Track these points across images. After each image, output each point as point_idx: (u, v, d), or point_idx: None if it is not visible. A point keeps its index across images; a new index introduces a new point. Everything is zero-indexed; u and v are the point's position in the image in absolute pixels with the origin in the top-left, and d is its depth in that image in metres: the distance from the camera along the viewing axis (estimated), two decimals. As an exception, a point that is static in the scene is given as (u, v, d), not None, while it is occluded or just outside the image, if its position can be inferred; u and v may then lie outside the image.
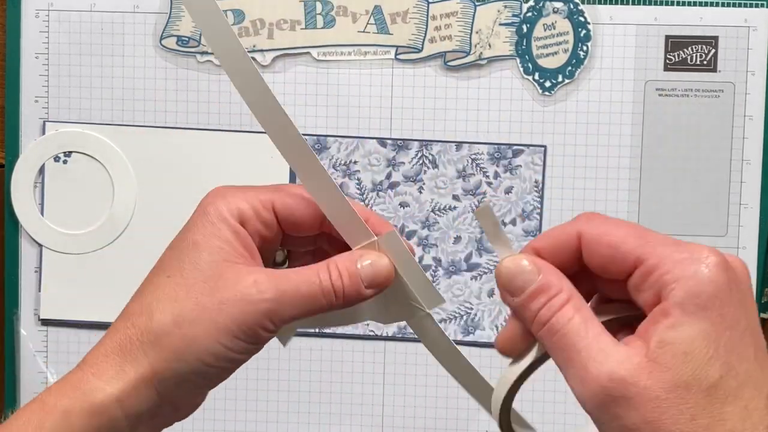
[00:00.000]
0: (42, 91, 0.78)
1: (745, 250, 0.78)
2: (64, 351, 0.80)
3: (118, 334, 0.45)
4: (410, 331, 0.79)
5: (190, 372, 0.44)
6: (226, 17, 0.46)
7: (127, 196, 0.79)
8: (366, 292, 0.45)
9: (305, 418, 0.80)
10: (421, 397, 0.79)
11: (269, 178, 0.77)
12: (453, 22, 0.77)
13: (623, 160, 0.78)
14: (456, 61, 0.77)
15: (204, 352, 0.43)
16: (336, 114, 0.78)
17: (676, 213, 0.78)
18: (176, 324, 0.43)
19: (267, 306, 0.43)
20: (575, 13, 0.77)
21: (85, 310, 0.79)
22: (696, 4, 0.77)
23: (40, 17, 0.78)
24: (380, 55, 0.77)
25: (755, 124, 0.77)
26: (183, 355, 0.43)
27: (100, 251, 0.79)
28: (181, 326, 0.43)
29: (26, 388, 0.79)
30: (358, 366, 0.79)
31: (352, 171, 0.78)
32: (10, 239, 0.79)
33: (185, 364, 0.43)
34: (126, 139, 0.79)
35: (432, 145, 0.78)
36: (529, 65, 0.77)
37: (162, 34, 0.78)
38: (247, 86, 0.46)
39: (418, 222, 0.79)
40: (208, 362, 0.43)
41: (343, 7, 0.77)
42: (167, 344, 0.43)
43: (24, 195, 0.79)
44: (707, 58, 0.77)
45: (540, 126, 0.78)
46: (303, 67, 0.78)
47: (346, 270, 0.45)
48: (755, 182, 0.77)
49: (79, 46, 0.78)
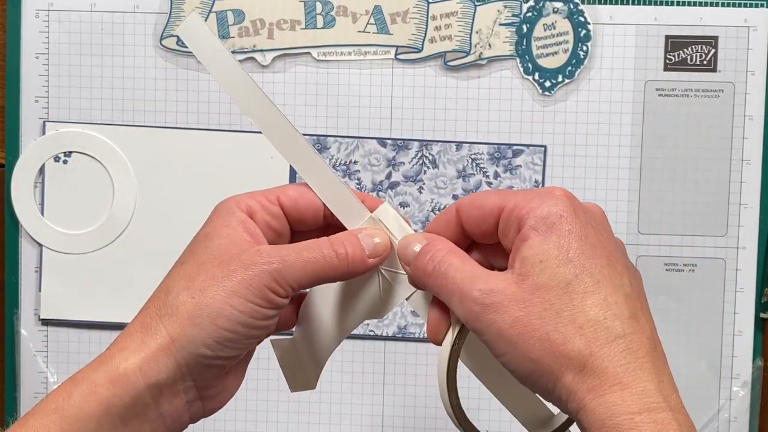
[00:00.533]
0: (42, 91, 0.78)
1: (745, 250, 0.78)
2: (64, 351, 0.80)
3: (140, 316, 0.48)
4: (410, 331, 0.79)
5: (205, 336, 0.46)
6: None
7: (127, 196, 0.79)
8: (369, 261, 0.48)
9: (305, 418, 0.80)
10: (421, 397, 0.79)
11: (269, 178, 0.77)
12: (453, 22, 0.77)
13: (623, 160, 0.78)
14: (456, 61, 0.77)
15: (216, 315, 0.46)
16: (336, 114, 0.78)
17: (676, 213, 0.78)
18: (189, 294, 0.46)
19: (272, 267, 0.46)
20: (575, 13, 0.77)
21: (85, 310, 0.79)
22: (696, 4, 0.77)
23: (40, 17, 0.78)
24: (380, 55, 0.78)
25: (755, 124, 0.77)
26: (196, 320, 0.46)
27: (100, 251, 0.79)
28: (194, 295, 0.46)
29: (26, 388, 0.79)
30: (358, 366, 0.79)
31: (352, 171, 0.78)
32: (10, 239, 0.79)
33: (200, 329, 0.46)
34: (126, 139, 0.79)
35: (432, 145, 0.78)
36: (529, 65, 0.77)
37: (162, 34, 0.78)
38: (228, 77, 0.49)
39: (418, 222, 0.79)
40: (222, 325, 0.46)
41: (343, 7, 0.77)
42: (182, 312, 0.46)
43: (24, 195, 0.79)
44: (707, 58, 0.77)
45: (540, 126, 0.78)
46: (303, 67, 0.78)
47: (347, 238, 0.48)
48: (755, 182, 0.77)
49: (79, 46, 0.78)
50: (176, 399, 0.47)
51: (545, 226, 0.44)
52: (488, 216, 0.46)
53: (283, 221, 0.50)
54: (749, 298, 0.78)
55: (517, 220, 0.45)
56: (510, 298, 0.43)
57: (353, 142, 0.78)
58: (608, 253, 0.44)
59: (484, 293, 0.43)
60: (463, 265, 0.45)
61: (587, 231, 0.44)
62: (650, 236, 0.78)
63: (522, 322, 0.42)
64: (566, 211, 0.44)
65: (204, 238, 0.48)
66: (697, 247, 0.78)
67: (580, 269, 0.43)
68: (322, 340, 0.51)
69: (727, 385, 0.78)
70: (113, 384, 0.45)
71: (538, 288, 0.43)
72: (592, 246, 0.44)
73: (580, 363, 0.42)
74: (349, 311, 0.51)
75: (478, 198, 0.47)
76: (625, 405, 0.41)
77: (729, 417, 0.78)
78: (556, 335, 0.42)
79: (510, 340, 0.43)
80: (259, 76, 0.78)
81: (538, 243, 0.43)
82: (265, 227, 0.49)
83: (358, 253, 0.48)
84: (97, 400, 0.45)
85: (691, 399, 0.78)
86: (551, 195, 0.45)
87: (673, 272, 0.78)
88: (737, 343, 0.78)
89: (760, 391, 0.78)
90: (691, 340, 0.78)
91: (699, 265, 0.78)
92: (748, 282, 0.78)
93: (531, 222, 0.44)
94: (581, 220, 0.44)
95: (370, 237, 0.49)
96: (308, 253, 0.47)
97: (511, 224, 0.45)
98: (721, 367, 0.78)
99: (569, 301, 0.42)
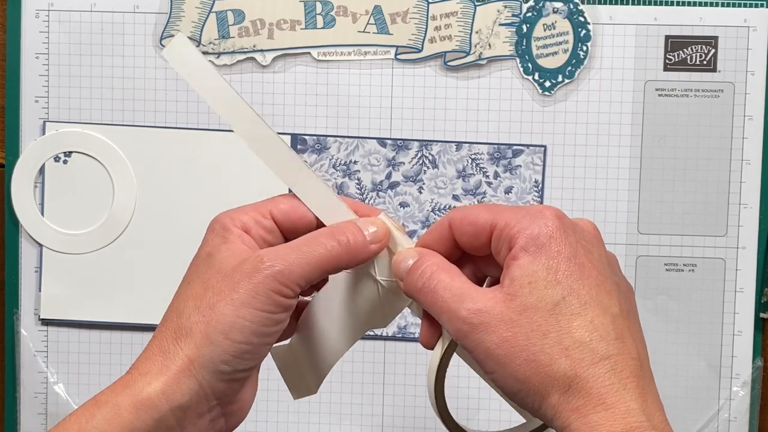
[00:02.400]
0: (42, 91, 0.78)
1: (744, 250, 0.78)
2: (64, 351, 0.80)
3: (156, 340, 0.48)
4: (410, 331, 0.79)
5: (221, 352, 0.46)
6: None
7: (127, 196, 0.79)
8: (371, 247, 0.49)
9: (305, 418, 0.80)
10: (421, 397, 0.79)
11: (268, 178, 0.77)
12: (453, 22, 0.77)
13: (623, 160, 0.78)
14: (456, 61, 0.77)
15: (229, 330, 0.46)
16: (336, 114, 0.78)
17: (676, 213, 0.78)
18: (200, 313, 0.47)
19: (275, 270, 0.47)
20: (575, 13, 0.77)
21: (85, 310, 0.79)
22: (696, 4, 0.77)
23: (40, 17, 0.78)
24: (380, 55, 0.77)
25: (755, 124, 0.77)
26: (211, 337, 0.46)
27: (100, 251, 0.79)
28: (204, 313, 0.46)
29: (26, 388, 0.79)
30: (358, 366, 0.79)
31: (352, 171, 0.78)
32: (10, 239, 0.79)
33: (215, 346, 0.46)
34: (126, 139, 0.79)
35: (432, 145, 0.78)
36: (529, 65, 0.77)
37: (162, 34, 0.78)
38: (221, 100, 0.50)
39: (418, 222, 0.79)
40: (236, 339, 0.46)
41: (343, 7, 0.77)
42: (196, 332, 0.46)
43: (24, 195, 0.79)
44: (707, 58, 0.77)
45: (540, 126, 0.78)
46: (303, 67, 0.78)
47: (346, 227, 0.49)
48: (755, 182, 0.77)
49: (79, 46, 0.78)
50: (200, 420, 0.48)
51: (535, 247, 0.44)
52: (480, 233, 0.47)
53: (277, 234, 0.50)
54: (749, 298, 0.78)
55: (508, 238, 0.45)
56: (498, 319, 0.44)
57: (353, 142, 0.78)
58: (597, 273, 0.45)
59: (472, 313, 0.44)
60: (452, 281, 0.46)
61: (577, 251, 0.45)
62: (650, 236, 0.78)
63: (509, 343, 0.43)
64: (556, 231, 0.45)
65: (206, 257, 0.49)
66: (697, 247, 0.78)
67: (567, 291, 0.44)
68: (325, 348, 0.51)
69: (727, 385, 0.78)
70: (137, 408, 0.46)
71: (526, 309, 0.43)
72: (581, 266, 0.44)
73: (565, 384, 0.43)
74: (352, 321, 0.51)
75: (470, 214, 0.47)
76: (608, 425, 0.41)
77: (729, 417, 0.78)
78: (542, 356, 0.43)
79: (498, 359, 0.43)
80: (259, 76, 0.78)
81: (528, 263, 0.44)
82: (261, 242, 0.49)
83: (360, 239, 0.49)
84: (121, 423, 0.46)
85: (691, 399, 0.78)
86: (542, 215, 0.45)
87: (673, 272, 0.78)
88: (737, 343, 0.78)
89: (760, 391, 0.78)
90: (691, 340, 0.78)
91: (699, 265, 0.78)
92: (748, 282, 0.78)
93: (521, 242, 0.45)
94: (570, 241, 0.45)
95: (366, 223, 0.49)
96: (309, 247, 0.48)
97: (503, 243, 0.46)
98: (721, 367, 0.78)
99: (556, 323, 0.43)
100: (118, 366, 0.80)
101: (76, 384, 0.80)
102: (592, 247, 0.46)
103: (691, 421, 0.78)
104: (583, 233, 0.46)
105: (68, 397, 0.80)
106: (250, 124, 0.50)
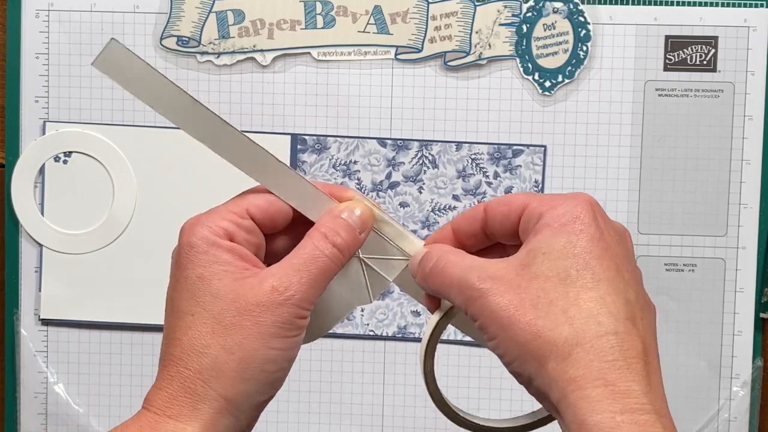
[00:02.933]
0: (42, 91, 0.78)
1: (744, 250, 0.78)
2: (64, 351, 0.80)
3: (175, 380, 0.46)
4: (410, 331, 0.79)
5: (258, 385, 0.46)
6: None
7: (127, 196, 0.79)
8: (362, 236, 0.49)
9: (305, 418, 0.80)
10: (421, 397, 0.79)
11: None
12: (453, 22, 0.77)
13: (623, 160, 0.78)
14: (456, 61, 0.77)
15: (263, 362, 0.46)
16: (336, 114, 0.78)
17: (676, 213, 0.78)
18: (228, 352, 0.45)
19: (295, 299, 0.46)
20: (575, 13, 0.77)
21: (85, 310, 0.79)
22: (696, 4, 0.77)
23: (40, 17, 0.78)
24: (380, 55, 0.78)
25: (755, 124, 0.77)
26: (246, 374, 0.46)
27: (100, 251, 0.79)
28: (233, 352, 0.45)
29: (26, 388, 0.79)
30: (358, 366, 0.79)
31: (352, 171, 0.78)
32: (10, 239, 0.79)
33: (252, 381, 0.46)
34: (126, 139, 0.79)
35: (432, 145, 0.78)
36: (529, 65, 0.77)
37: (162, 34, 0.78)
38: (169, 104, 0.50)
39: (418, 222, 0.79)
40: (271, 369, 0.46)
41: (343, 7, 0.77)
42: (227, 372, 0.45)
43: (24, 195, 0.79)
44: (707, 58, 0.77)
45: (540, 126, 0.78)
46: (303, 67, 0.78)
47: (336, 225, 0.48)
48: (755, 182, 0.77)
49: (79, 46, 0.78)
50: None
51: (559, 224, 0.43)
52: (513, 213, 0.46)
53: (258, 232, 0.49)
54: (749, 298, 0.78)
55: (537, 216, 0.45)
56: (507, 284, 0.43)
57: (353, 142, 0.78)
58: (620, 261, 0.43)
59: (482, 279, 0.43)
60: (461, 260, 0.46)
61: (603, 235, 0.43)
62: (650, 236, 0.78)
63: (514, 305, 0.42)
64: (584, 213, 0.44)
65: (200, 282, 0.47)
66: (697, 247, 0.78)
67: (582, 265, 0.42)
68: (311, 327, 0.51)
69: (727, 385, 0.78)
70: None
71: (536, 276, 0.42)
72: (603, 249, 0.43)
73: (565, 351, 0.40)
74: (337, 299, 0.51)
75: (508, 197, 0.47)
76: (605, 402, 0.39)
77: (729, 417, 0.78)
78: (545, 321, 0.41)
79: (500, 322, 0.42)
80: (259, 76, 0.78)
81: (547, 237, 0.43)
82: (246, 245, 0.48)
83: (352, 235, 0.48)
84: None
85: (691, 399, 0.78)
86: (575, 198, 0.45)
87: (673, 272, 0.78)
88: (737, 343, 0.78)
89: (760, 391, 0.78)
90: (691, 340, 0.78)
91: (699, 264, 0.78)
92: (748, 282, 0.78)
93: (546, 218, 0.44)
94: (598, 225, 0.44)
95: (351, 212, 0.49)
96: (314, 264, 0.47)
97: (531, 220, 0.45)
98: (721, 367, 0.78)
99: (564, 292, 0.42)
100: (117, 366, 0.80)
101: (76, 384, 0.80)
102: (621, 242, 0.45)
103: (691, 421, 0.78)
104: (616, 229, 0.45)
105: (68, 397, 0.80)
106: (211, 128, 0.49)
